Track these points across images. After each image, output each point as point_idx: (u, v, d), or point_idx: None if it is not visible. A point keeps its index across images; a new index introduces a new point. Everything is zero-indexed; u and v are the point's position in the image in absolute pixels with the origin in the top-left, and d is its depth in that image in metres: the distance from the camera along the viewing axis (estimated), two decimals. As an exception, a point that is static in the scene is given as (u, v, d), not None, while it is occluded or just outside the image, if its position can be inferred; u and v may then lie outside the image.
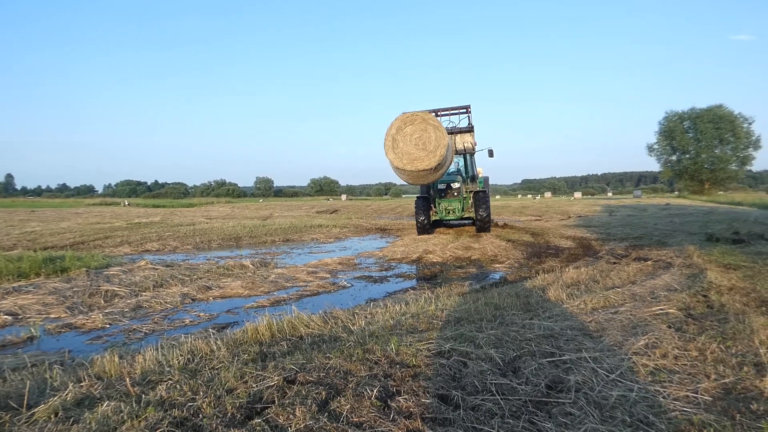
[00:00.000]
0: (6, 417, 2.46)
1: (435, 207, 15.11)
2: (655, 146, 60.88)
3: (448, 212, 14.88)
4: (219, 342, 3.80)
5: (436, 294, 5.89)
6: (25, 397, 2.66)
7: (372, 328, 4.11)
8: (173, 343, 3.98)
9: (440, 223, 16.47)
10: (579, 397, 2.55)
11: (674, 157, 60.18)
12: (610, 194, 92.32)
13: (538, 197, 72.84)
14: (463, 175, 15.63)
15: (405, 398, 2.60)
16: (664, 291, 5.10)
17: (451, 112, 14.96)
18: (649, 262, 7.91)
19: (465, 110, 14.99)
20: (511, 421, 2.33)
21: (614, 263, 8.38)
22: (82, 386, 2.90)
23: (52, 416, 2.48)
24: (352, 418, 2.42)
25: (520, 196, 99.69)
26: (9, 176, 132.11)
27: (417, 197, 15.49)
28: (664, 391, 2.61)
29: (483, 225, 14.43)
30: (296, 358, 3.30)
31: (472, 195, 15.05)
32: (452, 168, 16.18)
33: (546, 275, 7.08)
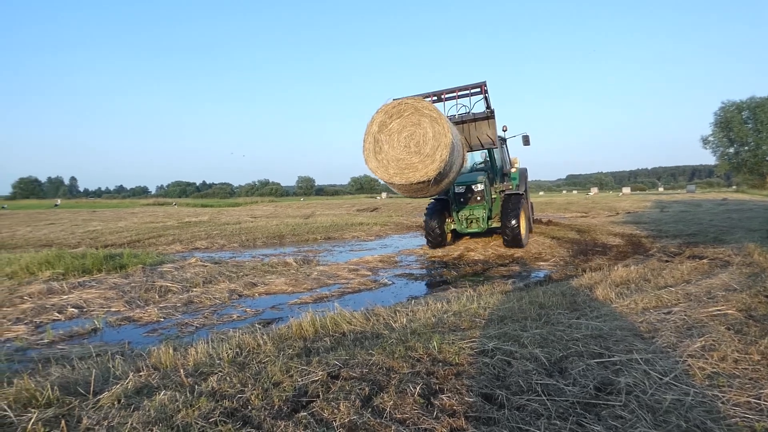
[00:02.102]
0: (75, 402, 2.65)
1: (453, 215, 11.55)
2: (711, 138, 57.22)
3: (470, 222, 11.28)
4: (265, 337, 3.91)
5: (478, 292, 5.82)
6: (92, 385, 2.85)
7: (413, 325, 4.12)
8: (222, 337, 4.14)
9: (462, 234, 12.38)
10: (630, 400, 2.46)
11: (731, 150, 56.37)
12: (661, 189, 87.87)
13: (592, 193, 70.06)
14: (491, 172, 11.83)
15: (448, 396, 2.60)
16: (721, 291, 4.81)
17: (459, 93, 9.98)
18: (704, 261, 7.48)
19: (479, 89, 9.95)
20: (558, 422, 2.28)
21: (666, 261, 7.98)
22: (141, 376, 3.07)
23: (115, 403, 2.65)
24: (396, 414, 2.44)
25: (564, 192, 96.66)
26: (73, 179, 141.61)
27: (432, 200, 12.06)
28: (723, 396, 2.47)
29: (512, 239, 10.50)
30: (339, 353, 3.35)
31: (502, 197, 11.51)
32: (471, 162, 13.07)
33: (593, 273, 6.84)
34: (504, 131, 11.80)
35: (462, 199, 11.15)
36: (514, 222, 10.41)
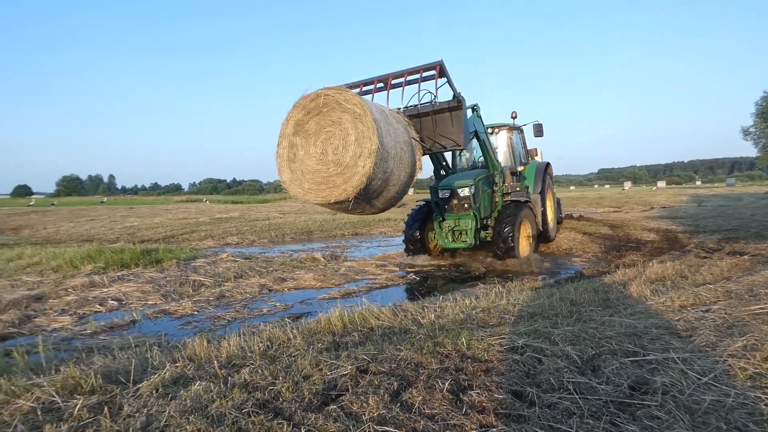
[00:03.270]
0: (117, 390, 2.77)
1: (435, 226, 9.38)
2: (752, 129, 54.12)
3: (457, 235, 8.94)
4: (295, 331, 3.98)
5: (507, 288, 5.76)
6: (132, 374, 2.97)
7: (442, 321, 4.11)
8: (253, 330, 4.23)
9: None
10: (667, 400, 2.39)
11: (774, 141, 53.45)
12: (698, 183, 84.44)
13: (627, 187, 67.76)
14: (489, 169, 9.36)
15: (477, 393, 2.59)
16: (764, 288, 4.60)
17: (408, 77, 7.20)
18: (745, 257, 7.17)
19: (434, 70, 7.05)
20: (591, 421, 2.24)
21: (705, 258, 7.69)
22: (177, 366, 3.18)
23: (153, 392, 2.76)
24: (425, 409, 2.45)
25: (596, 186, 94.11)
26: (111, 177, 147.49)
27: (418, 203, 10.20)
28: (767, 398, 2.37)
29: (505, 251, 8.40)
30: (368, 348, 3.38)
31: (505, 203, 9.28)
32: (465, 159, 10.79)
33: (627, 270, 6.66)
34: (513, 118, 10.28)
35: (447, 207, 8.96)
36: (507, 231, 8.34)
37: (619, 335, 3.43)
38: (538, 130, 10.07)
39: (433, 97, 7.45)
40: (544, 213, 10.11)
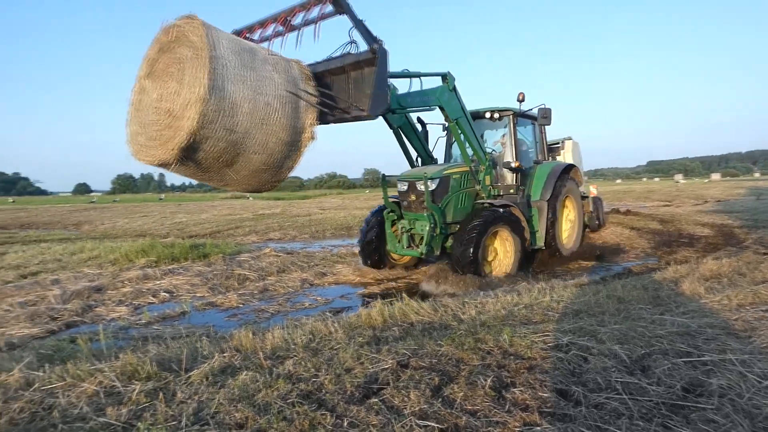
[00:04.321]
0: (170, 377, 2.92)
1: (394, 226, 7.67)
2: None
3: (411, 239, 7.28)
4: (336, 324, 4.05)
5: (551, 285, 5.62)
6: (183, 362, 3.12)
7: (483, 317, 4.07)
8: (296, 323, 4.33)
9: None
10: (724, 404, 2.28)
11: None
12: (757, 175, 79.04)
13: (681, 180, 64.27)
14: (467, 162, 7.30)
15: (520, 390, 2.55)
16: (835, 288, 4.28)
17: (298, 12, 5.58)
18: (814, 254, 6.67)
19: (333, 11, 5.37)
20: (641, 423, 2.17)
21: (764, 254, 7.21)
22: (225, 356, 3.31)
23: (204, 380, 2.89)
24: (466, 405, 2.44)
25: (644, 179, 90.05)
26: (161, 175, 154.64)
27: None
28: (838, 406, 2.21)
29: (461, 265, 6.58)
30: (408, 343, 3.40)
31: (479, 208, 7.38)
32: (491, 143, 8.85)
33: (678, 266, 6.35)
34: (520, 101, 8.00)
35: (405, 204, 7.39)
36: (467, 242, 6.52)
37: (670, 334, 3.30)
38: (544, 117, 7.92)
39: (348, 45, 5.53)
40: (553, 224, 8.04)
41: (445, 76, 6.80)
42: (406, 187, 7.28)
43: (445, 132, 8.75)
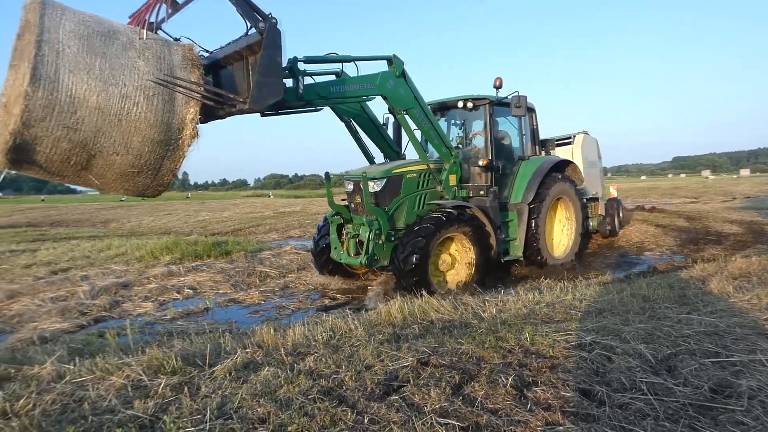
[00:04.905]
0: (194, 372, 2.98)
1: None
2: None
3: (359, 246, 6.34)
4: (356, 322, 4.07)
5: (573, 283, 5.53)
6: (207, 358, 3.19)
7: (504, 316, 4.04)
8: (316, 320, 4.37)
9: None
10: (754, 405, 2.21)
11: None
12: (791, 170, 76.10)
13: (710, 176, 62.26)
14: (423, 160, 6.52)
15: (542, 389, 2.53)
16: None
17: None
18: None
19: None
20: (667, 424, 2.12)
21: (800, 252, 6.96)
22: (247, 352, 3.36)
23: (227, 375, 2.94)
24: (487, 404, 2.43)
25: (670, 175, 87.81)
26: (185, 174, 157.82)
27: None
28: None
29: (400, 275, 5.76)
30: (428, 341, 3.39)
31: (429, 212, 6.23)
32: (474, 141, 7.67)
33: (706, 265, 6.18)
34: (496, 88, 6.94)
35: (353, 206, 6.57)
36: (409, 250, 5.60)
37: (697, 334, 3.22)
38: (517, 105, 6.56)
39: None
40: (537, 231, 6.95)
41: (390, 60, 5.85)
42: (352, 188, 6.45)
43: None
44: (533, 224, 6.96)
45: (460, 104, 7.04)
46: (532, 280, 6.35)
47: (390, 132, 7.34)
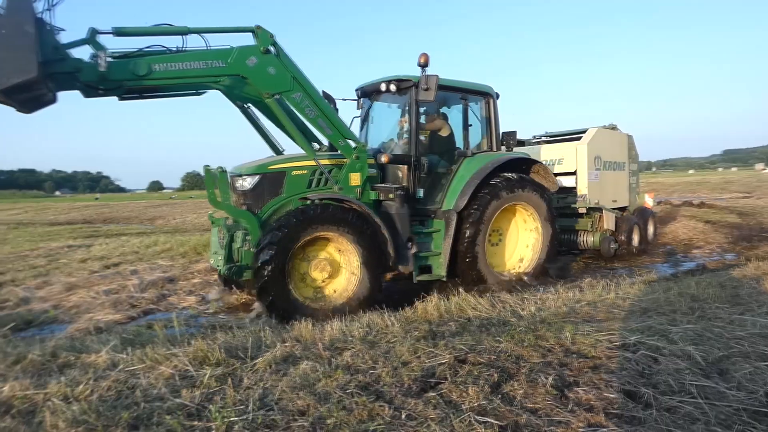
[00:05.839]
0: (237, 364, 3.08)
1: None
2: None
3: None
4: (392, 318, 4.09)
5: (616, 281, 5.36)
6: (249, 350, 3.29)
7: (543, 314, 3.96)
8: (353, 315, 4.42)
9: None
10: (815, 413, 2.08)
11: None
12: None
13: (765, 170, 58.55)
14: (308, 154, 5.37)
15: (584, 390, 2.47)
16: None
17: None
18: None
19: None
20: (718, 429, 2.04)
21: None
22: (286, 346, 3.44)
23: (267, 367, 3.02)
24: (527, 403, 2.40)
25: (720, 169, 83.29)
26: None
27: None
28: None
29: (255, 282, 4.74)
30: (465, 339, 3.37)
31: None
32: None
33: (760, 263, 5.86)
34: (422, 66, 5.30)
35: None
36: (262, 256, 4.58)
37: (752, 336, 3.07)
38: (426, 88, 5.21)
39: None
40: (472, 245, 5.68)
41: (256, 32, 4.72)
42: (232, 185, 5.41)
43: (362, 111, 6.49)
44: (467, 235, 5.64)
45: (383, 87, 5.82)
46: (573, 278, 6.19)
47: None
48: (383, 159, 5.64)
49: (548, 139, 9.03)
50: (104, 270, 7.74)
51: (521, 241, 6.52)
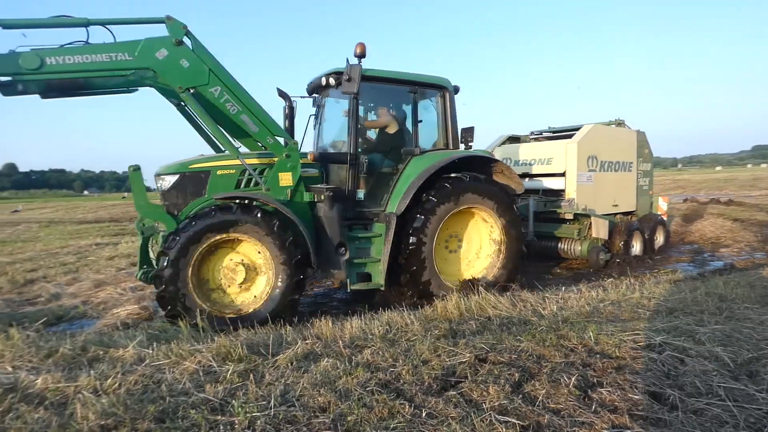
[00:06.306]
0: (259, 360, 3.13)
1: None
2: None
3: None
4: (412, 316, 4.09)
5: (640, 280, 5.25)
6: (270, 347, 3.34)
7: (565, 313, 3.91)
8: (373, 314, 4.43)
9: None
10: None
11: None
12: None
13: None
14: (231, 152, 4.97)
15: (608, 391, 2.44)
16: None
17: None
18: None
19: None
20: (748, 433, 1.98)
21: None
22: (307, 343, 3.48)
23: (289, 364, 3.06)
24: (549, 403, 2.38)
25: (750, 165, 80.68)
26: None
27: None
28: None
29: (159, 293, 4.35)
30: (486, 338, 3.36)
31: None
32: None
33: (793, 263, 5.66)
34: (358, 56, 4.96)
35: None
36: (161, 261, 4.33)
37: (784, 338, 2.96)
38: (348, 79, 4.84)
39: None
40: (417, 251, 5.18)
41: (166, 22, 4.39)
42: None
43: (316, 109, 6.08)
44: (409, 242, 5.17)
45: (323, 81, 5.37)
46: (596, 277, 6.09)
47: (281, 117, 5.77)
48: (309, 157, 5.29)
49: (548, 135, 8.32)
50: (131, 267, 7.92)
51: (483, 249, 5.87)
